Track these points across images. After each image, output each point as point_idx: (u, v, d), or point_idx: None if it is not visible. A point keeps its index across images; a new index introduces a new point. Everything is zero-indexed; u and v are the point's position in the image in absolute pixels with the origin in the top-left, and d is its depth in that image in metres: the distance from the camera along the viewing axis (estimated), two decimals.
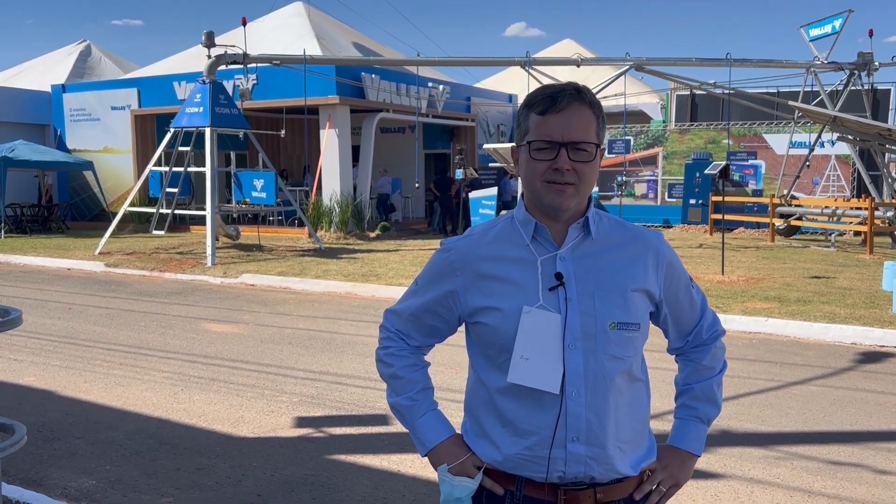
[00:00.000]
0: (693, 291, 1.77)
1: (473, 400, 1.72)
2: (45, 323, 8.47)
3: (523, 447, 1.60)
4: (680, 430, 1.80)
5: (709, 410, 1.80)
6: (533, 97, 1.62)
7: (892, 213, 14.39)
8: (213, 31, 13.86)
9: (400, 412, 1.78)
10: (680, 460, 1.75)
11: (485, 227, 1.73)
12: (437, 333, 1.79)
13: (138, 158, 19.95)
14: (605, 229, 1.67)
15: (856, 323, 7.69)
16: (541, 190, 1.59)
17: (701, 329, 1.80)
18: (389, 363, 1.79)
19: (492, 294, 1.63)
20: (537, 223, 1.63)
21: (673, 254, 1.72)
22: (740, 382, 5.96)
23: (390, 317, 1.83)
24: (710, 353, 1.80)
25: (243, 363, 6.65)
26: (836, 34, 15.94)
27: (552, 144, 1.57)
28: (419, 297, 1.76)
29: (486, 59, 16.94)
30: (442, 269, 1.71)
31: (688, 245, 15.45)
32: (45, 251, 15.22)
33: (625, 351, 1.61)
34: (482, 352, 1.67)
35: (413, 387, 1.77)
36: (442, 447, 1.71)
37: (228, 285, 11.48)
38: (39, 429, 4.93)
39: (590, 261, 1.63)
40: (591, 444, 1.58)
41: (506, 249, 1.65)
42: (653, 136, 20.95)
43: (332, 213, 17.19)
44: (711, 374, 1.80)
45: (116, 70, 26.65)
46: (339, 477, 4.13)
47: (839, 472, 4.15)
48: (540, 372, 1.58)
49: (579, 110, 1.58)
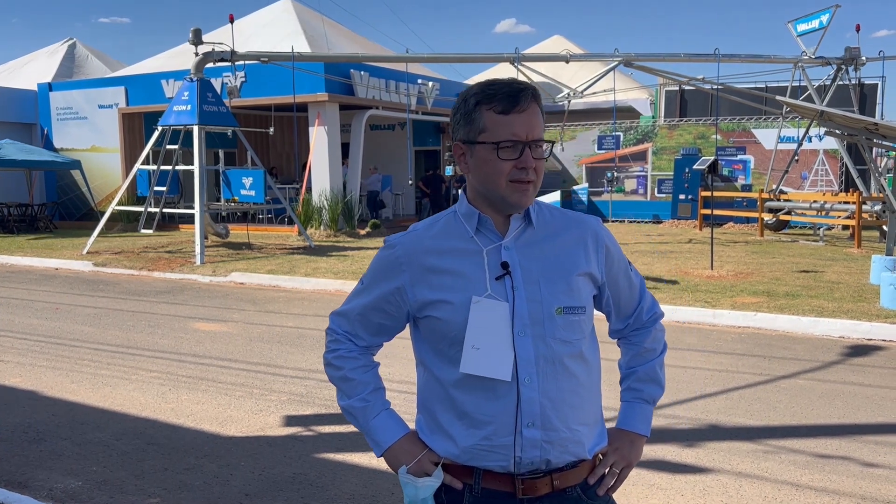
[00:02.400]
0: (632, 274, 1.82)
1: (427, 396, 1.72)
2: (32, 323, 8.41)
3: (480, 437, 1.62)
4: (627, 412, 1.85)
5: (653, 391, 1.85)
6: (488, 95, 1.61)
7: (879, 207, 14.46)
8: (200, 28, 13.76)
9: (353, 414, 1.77)
10: (629, 441, 1.80)
11: (429, 222, 1.74)
12: (385, 332, 1.79)
13: (126, 157, 19.83)
14: (545, 217, 1.71)
15: (844, 317, 7.73)
16: (506, 189, 1.61)
17: (641, 311, 1.84)
18: (339, 366, 1.78)
19: (440, 287, 1.64)
20: (481, 214, 1.66)
21: (611, 237, 1.77)
22: (729, 377, 5.98)
23: (337, 319, 1.82)
24: (650, 335, 1.85)
25: (232, 362, 6.62)
26: (824, 29, 16.00)
27: (517, 144, 1.59)
28: (366, 296, 1.76)
29: (476, 55, 16.90)
30: (388, 266, 1.71)
31: (677, 240, 15.49)
32: (33, 251, 15.11)
33: (572, 334, 1.65)
34: (432, 347, 1.68)
35: (364, 388, 1.77)
36: (397, 446, 1.72)
37: (217, 284, 11.43)
38: (25, 430, 4.89)
39: (533, 249, 1.66)
40: (546, 429, 1.62)
41: (451, 242, 1.67)
42: (642, 131, 20.98)
43: (322, 211, 17.15)
44: (653, 356, 1.85)
45: (103, 68, 26.47)
46: (328, 475, 4.11)
47: (827, 466, 4.17)
48: (491, 361, 1.60)
49: (536, 109, 1.62)
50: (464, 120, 1.64)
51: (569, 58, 15.19)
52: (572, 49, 21.96)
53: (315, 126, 17.51)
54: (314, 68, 16.39)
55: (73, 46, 27.32)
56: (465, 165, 1.67)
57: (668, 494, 3.83)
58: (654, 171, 20.70)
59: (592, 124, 21.68)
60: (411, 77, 18.73)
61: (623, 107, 22.02)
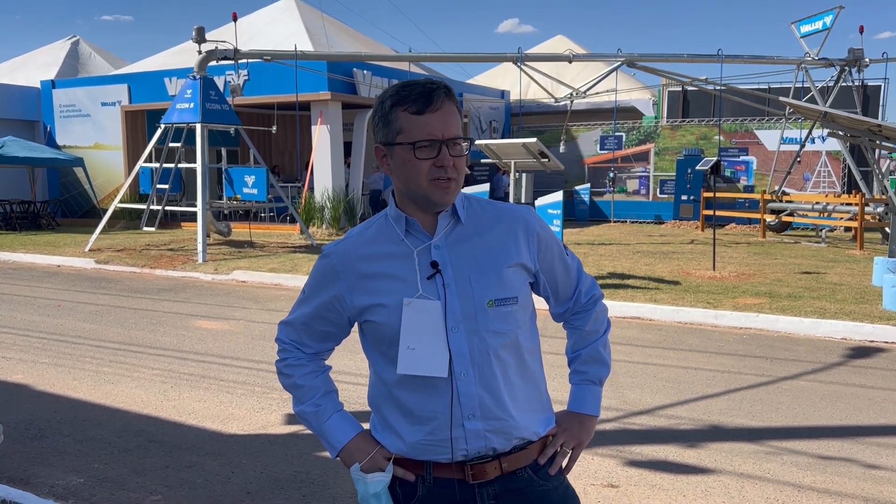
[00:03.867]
0: (567, 259, 1.84)
1: (375, 396, 1.78)
2: (34, 320, 8.41)
3: (425, 433, 1.67)
4: (576, 395, 1.88)
5: (598, 371, 1.89)
6: (402, 96, 1.62)
7: (882, 208, 14.45)
8: (203, 26, 13.77)
9: (307, 419, 1.82)
10: (579, 422, 1.85)
11: (362, 227, 1.78)
12: (330, 338, 1.83)
13: (129, 155, 19.84)
14: (474, 212, 1.73)
15: (846, 318, 7.72)
16: (427, 188, 1.63)
17: (579, 294, 1.87)
18: (289, 374, 1.83)
19: (375, 292, 1.68)
20: (407, 217, 1.69)
21: (543, 225, 1.79)
22: (731, 377, 5.97)
23: (283, 328, 1.86)
24: (591, 318, 1.88)
25: (234, 360, 6.62)
26: (827, 30, 15.98)
27: (433, 142, 1.61)
28: (307, 305, 1.81)
29: (479, 55, 16.89)
30: (325, 275, 1.76)
31: (679, 241, 15.48)
32: (35, 248, 15.12)
33: (505, 325, 1.67)
34: (376, 348, 1.73)
35: (315, 393, 1.81)
36: (350, 445, 1.76)
37: (219, 282, 11.44)
38: (27, 427, 4.90)
39: (463, 245, 1.69)
40: (488, 419, 1.65)
41: (383, 247, 1.70)
42: (644, 132, 20.96)
43: (324, 210, 17.15)
44: (596, 338, 1.89)
45: (107, 66, 26.50)
46: (329, 474, 4.11)
47: (829, 467, 4.16)
48: (427, 359, 1.64)
49: (451, 108, 1.64)
50: (381, 122, 1.66)
51: (571, 58, 15.18)
52: (575, 49, 21.95)
53: (317, 125, 17.52)
54: (317, 67, 16.39)
55: (76, 44, 27.35)
56: (387, 167, 1.70)
57: (669, 495, 3.83)
58: (656, 171, 20.69)
59: (595, 124, 21.66)
60: (414, 76, 18.72)
61: (626, 107, 22.01)
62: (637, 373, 6.11)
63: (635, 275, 10.56)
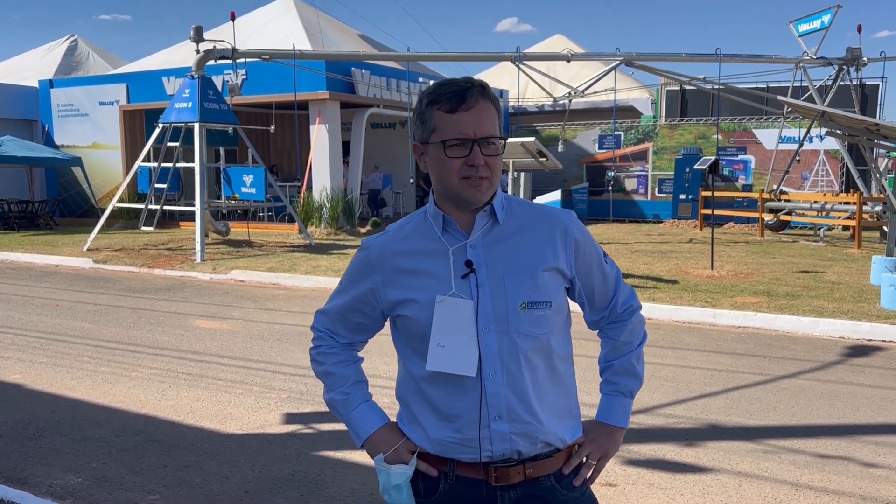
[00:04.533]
0: (606, 267, 1.82)
1: (403, 389, 1.78)
2: (32, 320, 8.41)
3: (450, 430, 1.67)
4: (605, 405, 1.86)
5: (629, 383, 1.85)
6: (437, 94, 1.64)
7: (880, 207, 14.46)
8: (201, 25, 13.75)
9: (335, 407, 1.84)
10: (607, 433, 1.82)
11: (401, 223, 1.79)
12: (364, 330, 1.85)
13: (127, 154, 19.82)
14: (512, 213, 1.72)
15: (844, 317, 7.73)
16: (458, 186, 1.64)
17: (616, 304, 1.84)
18: (321, 361, 1.86)
19: (408, 287, 1.69)
20: (445, 216, 1.69)
21: (582, 230, 1.77)
22: (729, 376, 5.98)
23: (320, 317, 1.89)
24: (626, 328, 1.85)
25: (232, 359, 6.62)
26: (825, 30, 15.98)
27: (465, 141, 1.61)
28: (344, 296, 1.82)
29: (477, 54, 16.88)
30: (362, 268, 1.77)
31: (678, 240, 15.49)
32: (33, 247, 15.11)
33: (538, 329, 1.66)
34: (407, 343, 1.74)
35: (345, 382, 1.83)
36: (376, 436, 1.77)
37: (218, 281, 11.43)
38: (25, 426, 4.89)
39: (499, 246, 1.68)
40: (514, 421, 1.65)
41: (419, 243, 1.71)
42: (643, 131, 20.97)
43: (323, 209, 17.14)
44: (630, 349, 1.85)
45: (105, 65, 26.48)
46: (328, 473, 4.11)
47: (826, 466, 4.17)
48: (456, 357, 1.64)
49: (485, 106, 1.63)
50: (418, 120, 1.68)
51: (570, 57, 15.17)
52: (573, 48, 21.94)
53: (316, 124, 17.51)
54: (315, 66, 16.38)
55: (74, 43, 27.33)
56: (423, 165, 1.71)
57: (667, 494, 3.83)
58: (654, 170, 20.70)
59: (593, 123, 21.66)
60: (412, 75, 18.73)
61: (624, 106, 22.00)
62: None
63: (633, 274, 10.57)
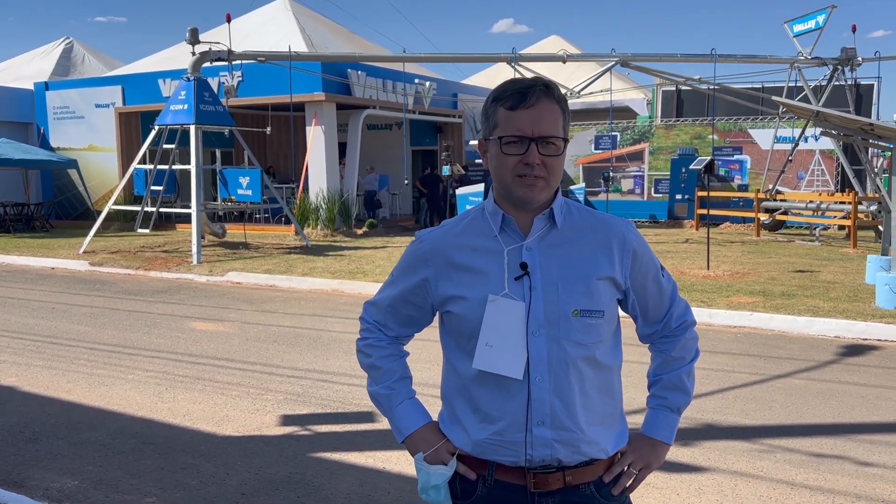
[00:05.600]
0: (663, 280, 1.80)
1: (447, 387, 1.77)
2: (28, 323, 8.39)
3: (492, 432, 1.65)
4: (651, 419, 1.84)
5: (677, 399, 1.84)
6: (502, 91, 1.65)
7: (875, 207, 14.50)
8: (197, 27, 13.76)
9: (378, 401, 1.83)
10: (650, 446, 1.79)
11: (457, 218, 1.78)
12: (413, 323, 1.83)
13: (123, 156, 19.80)
14: (572, 219, 1.70)
15: (839, 316, 7.75)
16: (511, 184, 1.63)
17: (670, 318, 1.82)
18: (368, 353, 1.84)
19: (460, 283, 1.67)
20: (504, 215, 1.67)
21: (640, 241, 1.75)
22: (725, 376, 5.99)
23: (369, 308, 1.88)
24: (679, 343, 1.83)
25: (228, 362, 6.61)
26: (820, 30, 16.03)
27: (522, 139, 1.60)
28: (395, 287, 1.81)
29: (473, 55, 16.90)
30: (415, 260, 1.76)
31: (674, 240, 15.52)
32: (29, 250, 15.08)
33: (588, 337, 1.64)
34: (454, 340, 1.72)
35: (390, 376, 1.82)
36: (417, 434, 1.76)
37: (214, 283, 11.42)
38: (21, 429, 4.89)
39: (555, 250, 1.66)
40: (557, 428, 1.63)
41: (475, 240, 1.69)
42: (639, 131, 21.00)
43: (319, 211, 17.14)
44: (681, 365, 1.84)
45: (100, 67, 26.44)
46: (324, 475, 4.11)
47: (822, 465, 4.18)
48: (504, 359, 1.62)
49: (548, 106, 1.61)
50: (483, 116, 1.70)
51: (565, 58, 15.20)
52: (569, 49, 21.98)
53: (312, 126, 17.50)
54: (311, 68, 16.38)
55: (69, 45, 27.29)
56: (485, 161, 1.71)
57: (663, 493, 3.84)
58: (650, 171, 20.73)
59: (589, 124, 21.69)
60: (408, 77, 18.73)
61: (620, 107, 22.05)
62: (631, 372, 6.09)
63: None
